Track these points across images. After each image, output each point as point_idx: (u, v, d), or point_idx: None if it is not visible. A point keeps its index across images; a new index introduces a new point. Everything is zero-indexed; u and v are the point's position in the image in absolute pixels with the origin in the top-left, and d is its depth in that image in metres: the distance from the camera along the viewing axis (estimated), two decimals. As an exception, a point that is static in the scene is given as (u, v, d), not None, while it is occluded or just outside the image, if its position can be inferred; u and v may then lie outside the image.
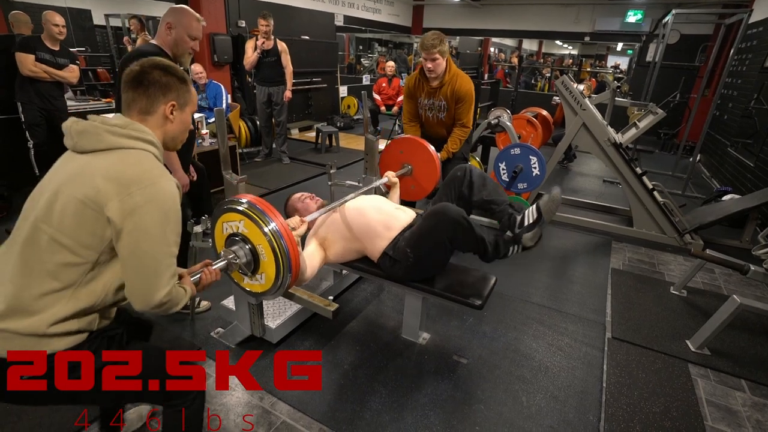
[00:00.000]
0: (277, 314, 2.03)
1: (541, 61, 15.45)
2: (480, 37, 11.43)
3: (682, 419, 1.74)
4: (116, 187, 0.95)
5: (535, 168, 3.19)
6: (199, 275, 1.23)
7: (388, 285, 2.53)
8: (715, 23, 6.67)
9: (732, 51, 4.84)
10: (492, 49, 14.59)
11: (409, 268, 1.79)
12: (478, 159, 3.68)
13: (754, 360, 2.12)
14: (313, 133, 6.25)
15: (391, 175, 2.29)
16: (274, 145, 5.29)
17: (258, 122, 5.04)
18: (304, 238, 1.88)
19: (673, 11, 4.55)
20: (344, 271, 2.36)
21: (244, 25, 5.65)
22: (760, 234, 2.41)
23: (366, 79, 8.95)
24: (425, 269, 1.84)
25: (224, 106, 4.36)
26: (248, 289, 1.51)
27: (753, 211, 3.23)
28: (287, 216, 1.93)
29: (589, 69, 10.36)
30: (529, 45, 18.59)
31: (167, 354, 1.14)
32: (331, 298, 1.67)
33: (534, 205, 1.77)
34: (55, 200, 0.96)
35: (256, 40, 4.57)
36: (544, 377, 1.95)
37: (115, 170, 0.97)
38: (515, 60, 11.17)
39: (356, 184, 2.71)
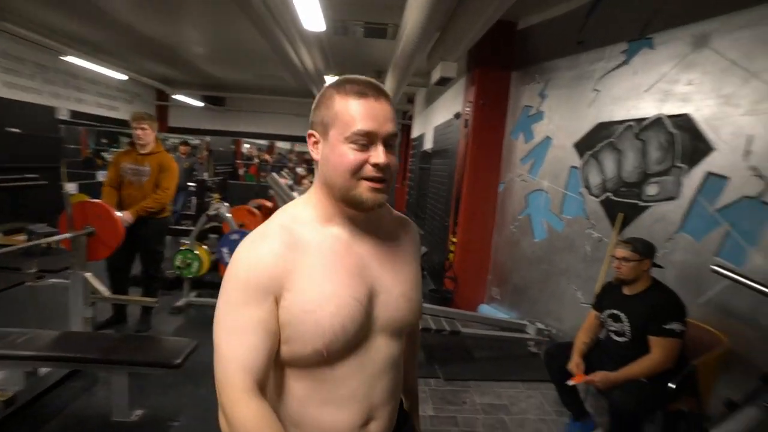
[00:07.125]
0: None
1: (293, 157, 17.54)
2: (231, 137, 12.25)
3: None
4: None
5: (256, 248, 3.79)
6: None
7: (104, 375, 2.54)
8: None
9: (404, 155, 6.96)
10: (247, 146, 15.70)
11: None
12: (206, 248, 4.06)
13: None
14: (24, 236, 5.40)
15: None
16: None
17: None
18: None
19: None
20: (41, 370, 2.27)
21: None
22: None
23: (102, 176, 8.31)
24: None
25: None
26: None
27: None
28: None
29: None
30: (284, 143, 20.76)
31: None
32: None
33: None
34: None
35: None
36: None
37: None
38: (267, 157, 12.46)
39: (64, 281, 2.71)
